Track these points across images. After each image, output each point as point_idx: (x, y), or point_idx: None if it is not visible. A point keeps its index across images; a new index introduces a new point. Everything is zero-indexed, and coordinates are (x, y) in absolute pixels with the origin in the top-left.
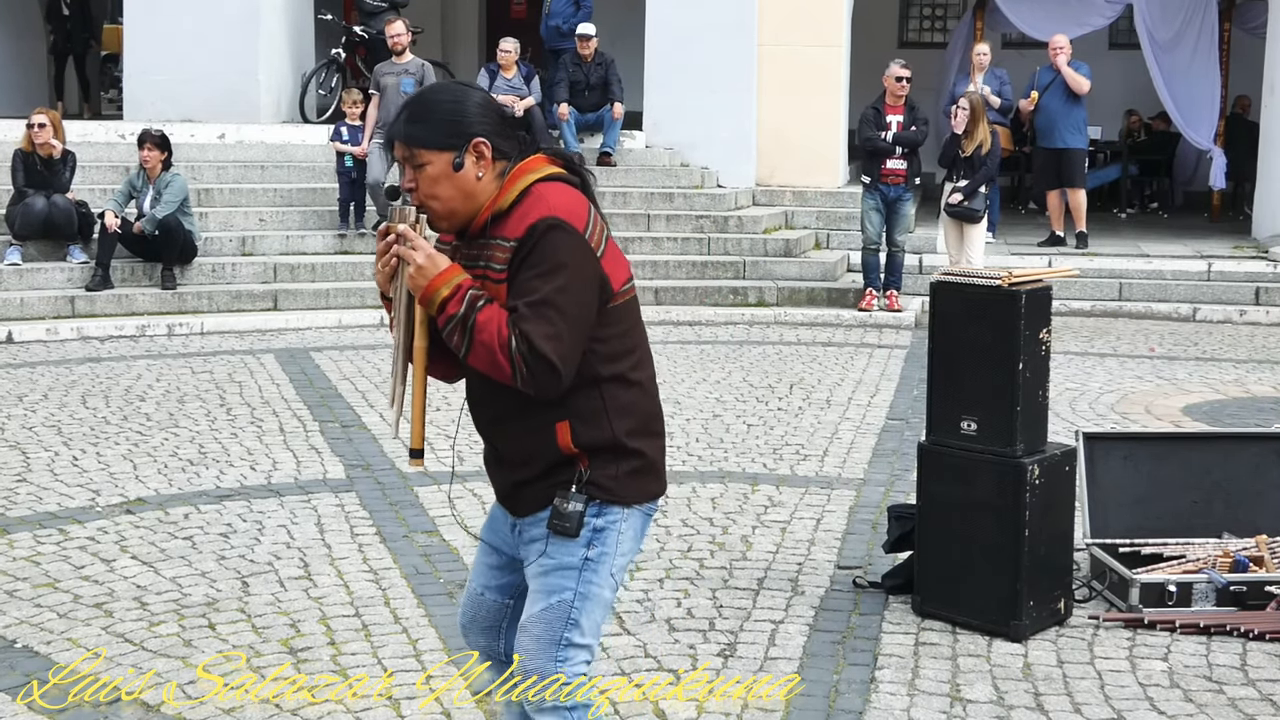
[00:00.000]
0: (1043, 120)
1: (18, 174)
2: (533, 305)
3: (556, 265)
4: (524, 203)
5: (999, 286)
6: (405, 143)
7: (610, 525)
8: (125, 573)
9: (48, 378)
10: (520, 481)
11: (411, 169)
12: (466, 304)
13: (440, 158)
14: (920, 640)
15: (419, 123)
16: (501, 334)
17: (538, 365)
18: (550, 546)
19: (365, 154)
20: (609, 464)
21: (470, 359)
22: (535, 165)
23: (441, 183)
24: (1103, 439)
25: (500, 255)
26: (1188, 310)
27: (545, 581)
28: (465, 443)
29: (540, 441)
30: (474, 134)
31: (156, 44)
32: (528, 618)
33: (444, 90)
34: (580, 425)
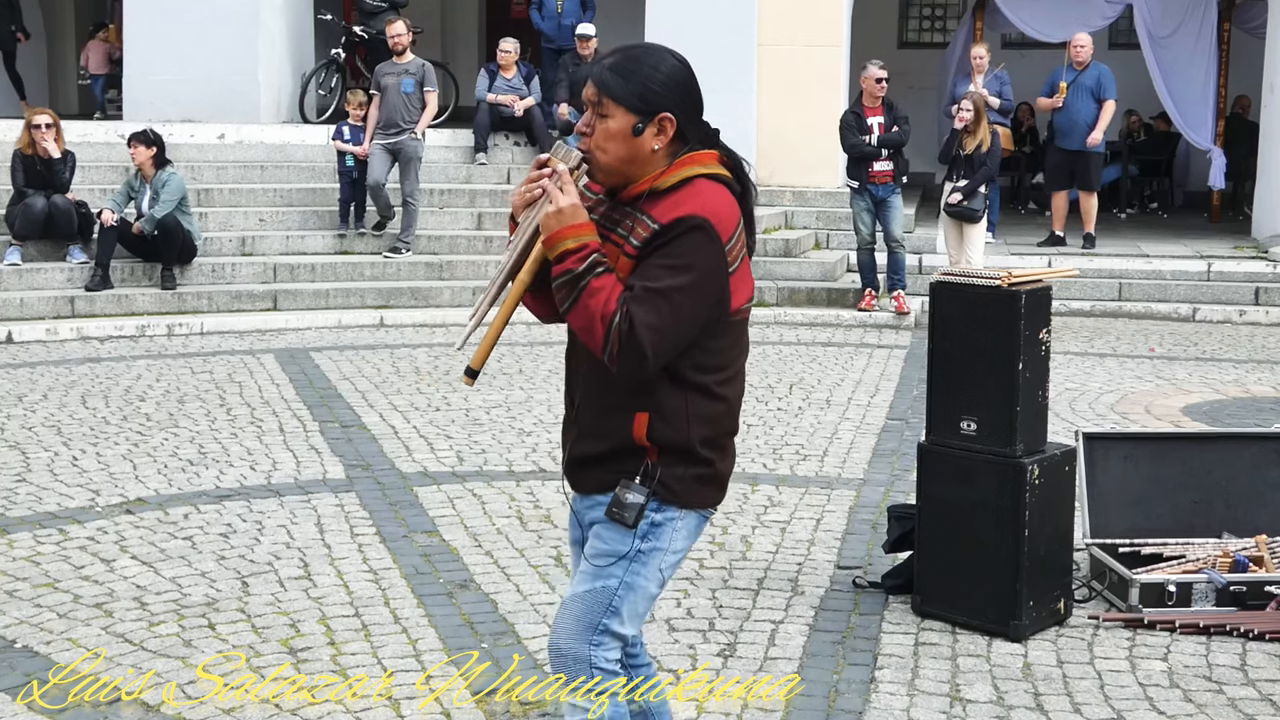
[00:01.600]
0: (1064, 120)
1: (17, 174)
2: (649, 291)
3: (687, 265)
4: (681, 190)
5: (999, 286)
6: (599, 88)
7: (667, 522)
8: (125, 573)
9: (48, 378)
10: (587, 456)
11: (595, 114)
12: (587, 264)
13: (625, 116)
14: (920, 640)
15: (620, 75)
16: (608, 305)
17: (630, 348)
18: (605, 531)
19: (366, 154)
20: (676, 465)
21: (570, 316)
22: (705, 159)
23: (616, 139)
24: (1103, 439)
25: (641, 232)
26: (1188, 310)
27: (594, 565)
28: (465, 443)
29: (615, 423)
30: (664, 108)
31: (156, 44)
32: (571, 596)
33: (656, 54)
34: (659, 421)
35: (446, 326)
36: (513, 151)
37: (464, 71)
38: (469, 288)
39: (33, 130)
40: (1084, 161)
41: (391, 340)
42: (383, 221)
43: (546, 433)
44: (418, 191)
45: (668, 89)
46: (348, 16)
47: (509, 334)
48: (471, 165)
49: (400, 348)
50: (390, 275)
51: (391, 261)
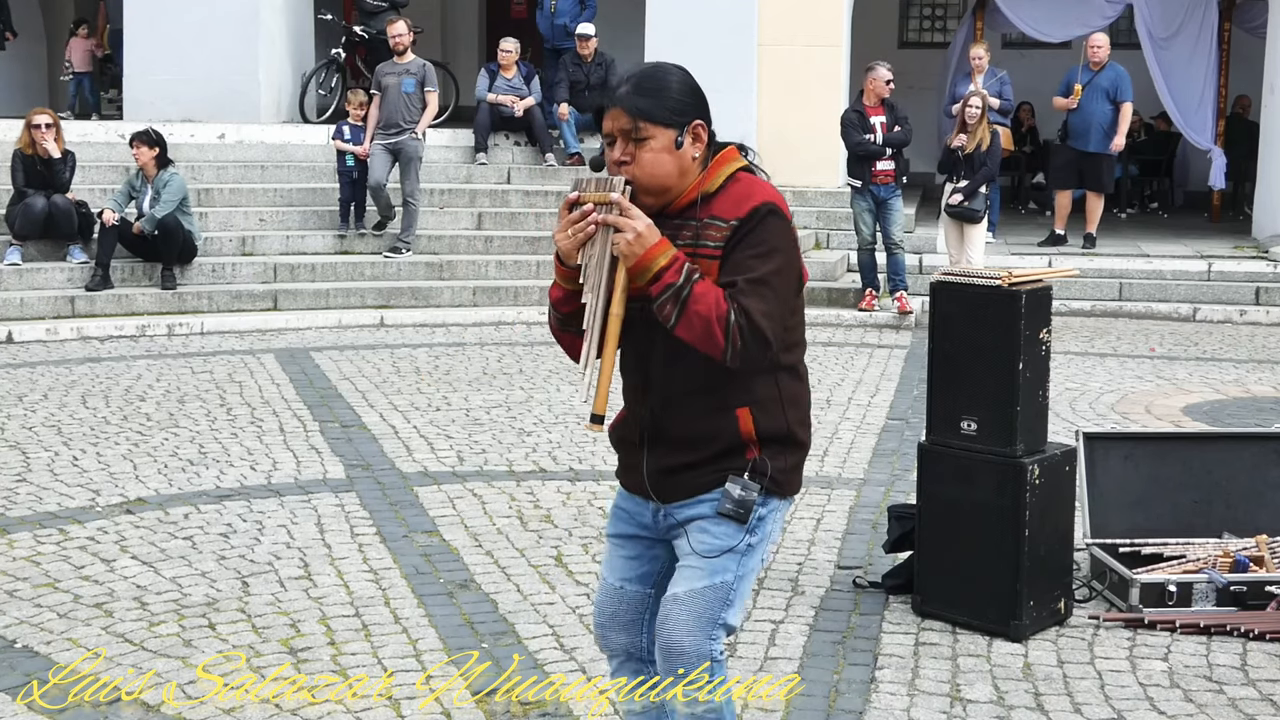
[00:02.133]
0: (1078, 120)
1: (17, 174)
2: (751, 282)
3: (773, 249)
4: (732, 187)
5: (999, 286)
6: (631, 114)
7: (770, 514)
8: (125, 573)
9: (48, 378)
10: (681, 465)
11: (629, 142)
12: (685, 275)
13: (665, 134)
14: (920, 640)
15: (649, 96)
16: (720, 306)
17: (754, 339)
18: (714, 527)
19: (367, 154)
20: (779, 455)
21: (680, 329)
22: (733, 156)
23: (663, 158)
24: (1103, 439)
25: (715, 234)
26: (1188, 310)
27: (708, 562)
28: (465, 443)
29: (718, 426)
30: (693, 116)
31: (156, 44)
32: (686, 592)
33: (669, 69)
34: (759, 413)
35: (446, 326)
36: (513, 151)
37: (464, 71)
38: (469, 288)
39: (33, 130)
40: (1095, 163)
41: (391, 340)
42: (383, 221)
43: (546, 433)
44: (418, 191)
45: (688, 97)
46: (348, 16)
47: (508, 334)
48: (472, 165)
49: (400, 348)
50: (390, 275)
51: (391, 261)
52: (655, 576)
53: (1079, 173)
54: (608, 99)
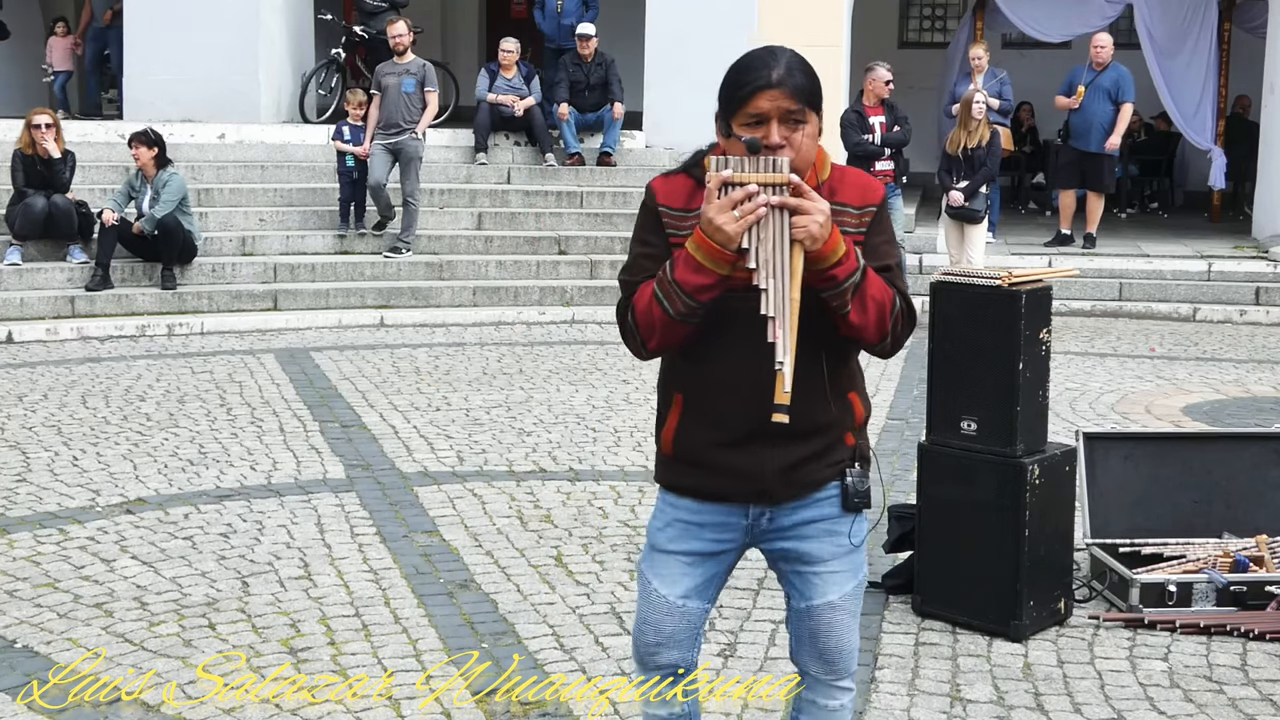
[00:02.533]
0: (1080, 120)
1: (17, 174)
2: (900, 267)
3: (893, 234)
4: (843, 175)
5: (999, 286)
6: (799, 98)
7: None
8: (125, 573)
9: (48, 378)
10: (802, 459)
11: (789, 126)
12: (860, 259)
13: (815, 119)
14: (920, 640)
15: (810, 78)
16: (886, 292)
17: (910, 321)
18: (841, 526)
19: (367, 154)
20: (864, 437)
21: (854, 314)
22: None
23: (810, 144)
24: (1103, 439)
25: (850, 220)
26: (1188, 310)
27: (849, 560)
28: (465, 443)
29: (836, 413)
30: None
31: (156, 44)
32: (842, 598)
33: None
34: (861, 397)
35: (446, 326)
36: (513, 151)
37: (464, 71)
38: (469, 288)
39: (33, 130)
40: (1096, 163)
41: (391, 340)
42: (383, 221)
43: (546, 433)
44: (418, 191)
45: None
46: (348, 16)
47: (508, 334)
48: (472, 165)
49: (400, 348)
50: (390, 275)
51: (391, 261)
52: (717, 589)
53: (1081, 173)
54: (763, 80)
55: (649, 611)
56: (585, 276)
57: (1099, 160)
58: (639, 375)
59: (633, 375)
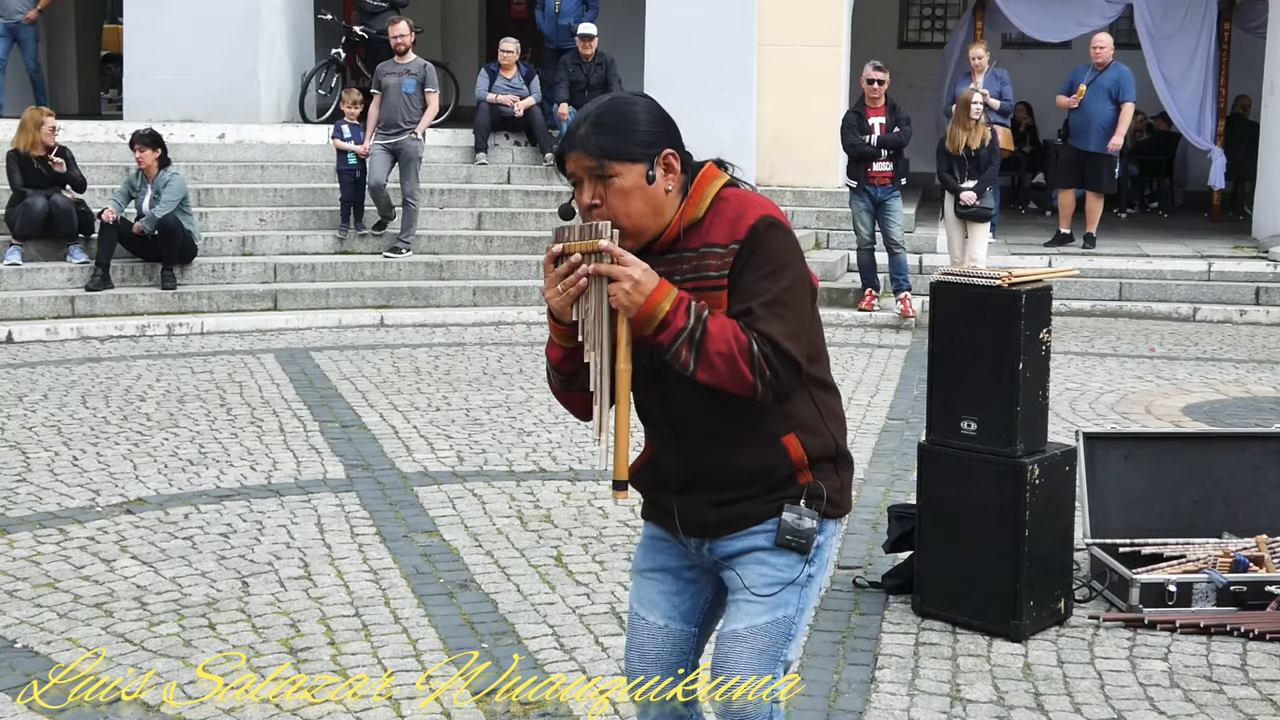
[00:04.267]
0: (1079, 119)
1: (14, 174)
2: (766, 306)
3: (782, 265)
4: (721, 208)
5: (999, 286)
6: (593, 154)
7: (827, 540)
8: (125, 573)
9: (48, 378)
10: (731, 500)
11: (596, 183)
12: (693, 316)
13: (633, 170)
14: (920, 640)
15: (608, 133)
16: (740, 339)
17: (784, 365)
18: (775, 559)
19: (367, 153)
20: (831, 475)
21: (701, 373)
22: (713, 174)
23: (634, 196)
24: (1103, 439)
25: (714, 261)
26: (1188, 310)
27: (768, 597)
28: (465, 443)
29: (766, 459)
30: (663, 146)
31: (156, 44)
32: (747, 629)
33: (624, 100)
34: (805, 436)
35: (447, 326)
36: (513, 151)
37: (464, 71)
38: (469, 288)
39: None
40: (1096, 163)
41: (391, 340)
42: (383, 221)
43: (546, 433)
44: (418, 191)
45: (654, 126)
46: (348, 16)
47: (508, 334)
48: (472, 165)
49: (400, 348)
50: (390, 275)
51: (391, 261)
52: (699, 613)
53: (1080, 172)
54: (566, 143)
55: (633, 635)
56: None
57: (1099, 160)
58: None
59: None
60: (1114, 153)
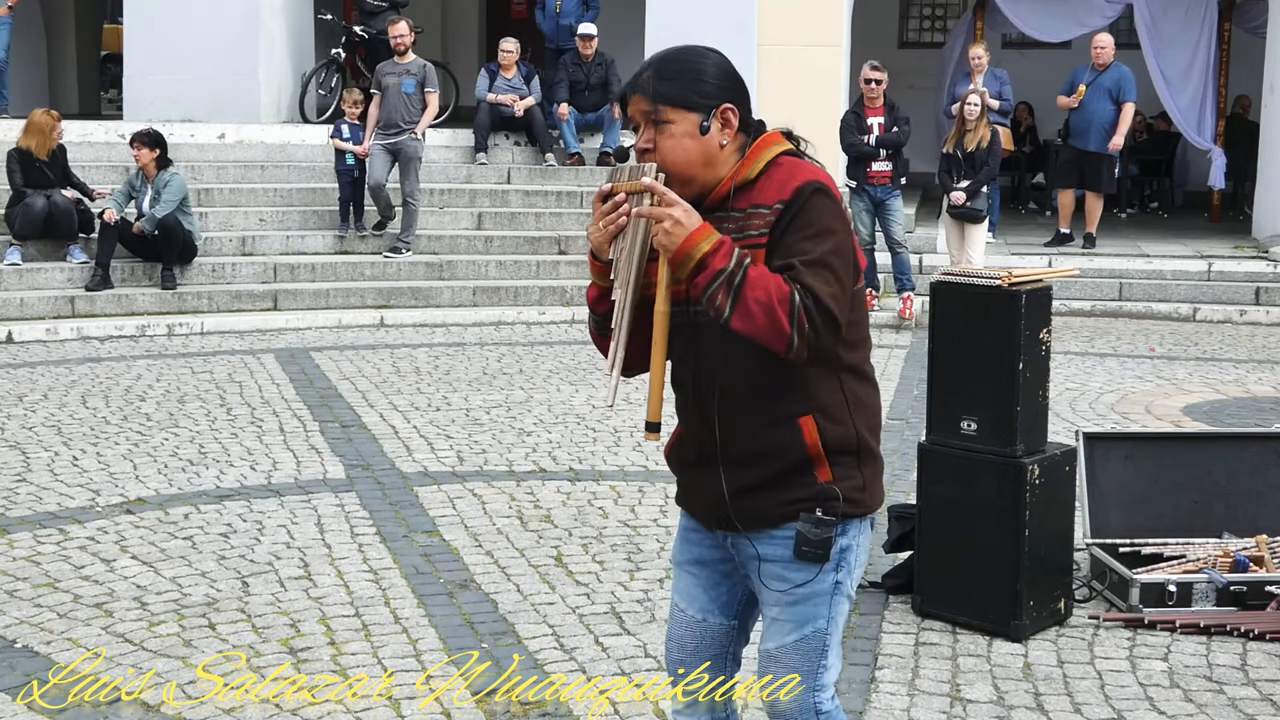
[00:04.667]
0: (1079, 119)
1: (14, 174)
2: (809, 264)
3: (826, 229)
4: (773, 172)
5: (999, 286)
6: (651, 98)
7: (853, 542)
8: (125, 573)
9: (48, 378)
10: (744, 488)
11: (651, 127)
12: (734, 258)
13: (687, 118)
14: (920, 640)
15: (669, 79)
16: (781, 288)
17: (824, 321)
18: (795, 573)
19: (367, 153)
20: (851, 470)
21: (736, 320)
22: (775, 140)
23: (686, 144)
24: (1103, 439)
25: (758, 222)
26: (1188, 310)
27: (795, 611)
28: (465, 443)
29: (779, 438)
30: (724, 99)
31: (156, 44)
32: (779, 648)
33: (695, 51)
34: (825, 421)
35: (447, 326)
36: (513, 151)
37: (464, 71)
38: (469, 288)
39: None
40: (1096, 163)
41: (391, 340)
42: (383, 221)
43: (546, 432)
44: (418, 191)
45: (719, 80)
46: (348, 16)
47: (508, 334)
48: (472, 165)
49: (400, 348)
50: (390, 275)
51: (391, 261)
52: (738, 605)
53: (1080, 172)
54: (629, 85)
55: (673, 627)
56: (585, 276)
57: (1099, 160)
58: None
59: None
60: (1114, 153)
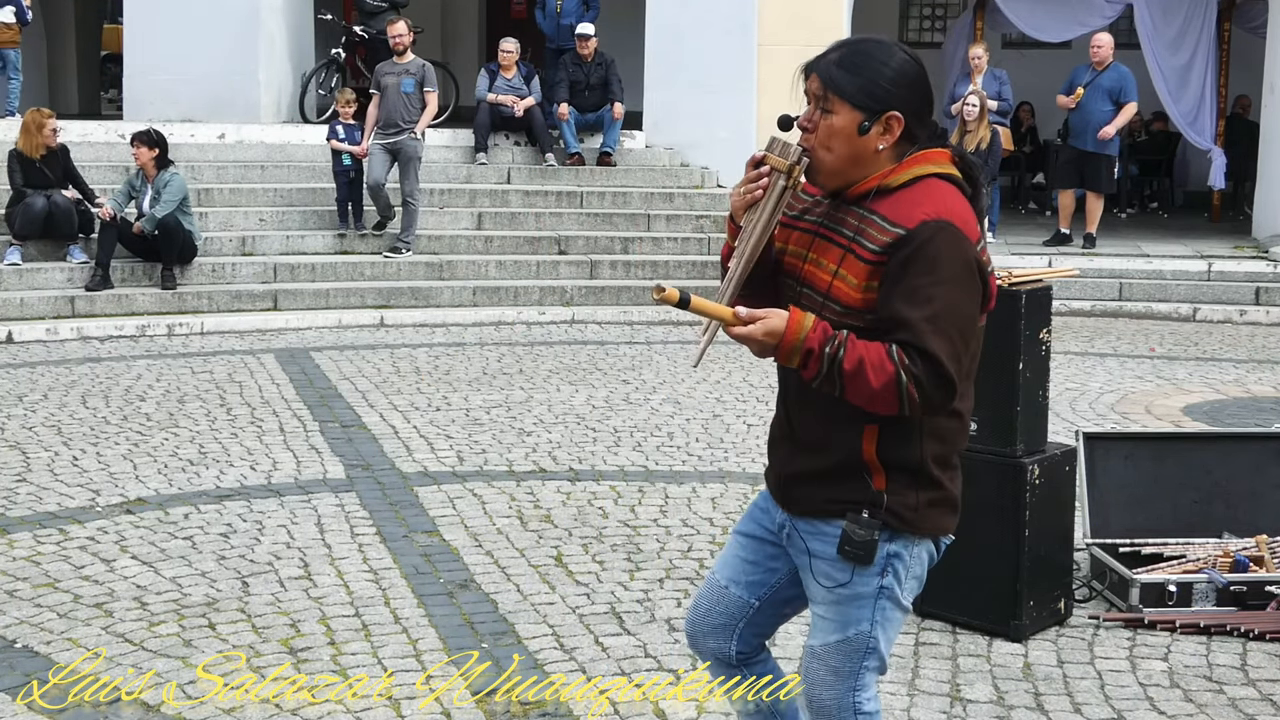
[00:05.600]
0: (1078, 119)
1: (15, 175)
2: (933, 320)
3: (952, 273)
4: (914, 189)
5: (999, 286)
6: (825, 83)
7: (904, 551)
8: (125, 573)
9: (48, 378)
10: (804, 472)
11: (819, 109)
12: (827, 355)
13: (851, 114)
14: (920, 640)
15: (848, 71)
16: (884, 368)
17: (936, 386)
18: (839, 572)
19: (364, 153)
20: (907, 490)
21: (849, 396)
22: (937, 158)
23: (840, 137)
24: (1103, 439)
25: (875, 234)
26: (1188, 310)
27: (840, 610)
28: (465, 443)
29: (841, 435)
30: (892, 106)
31: (156, 44)
32: (822, 646)
33: (885, 49)
34: (889, 437)
35: (447, 326)
36: (513, 151)
37: (464, 71)
38: (469, 288)
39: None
40: (1094, 163)
41: (391, 340)
42: (383, 221)
43: (546, 432)
44: (418, 191)
45: (896, 86)
46: (348, 16)
47: (508, 334)
48: (471, 165)
49: (400, 348)
50: (390, 275)
51: (391, 261)
52: (766, 590)
53: (1079, 172)
54: (815, 60)
55: (700, 590)
56: (585, 276)
57: (1098, 160)
58: (639, 375)
59: (632, 375)
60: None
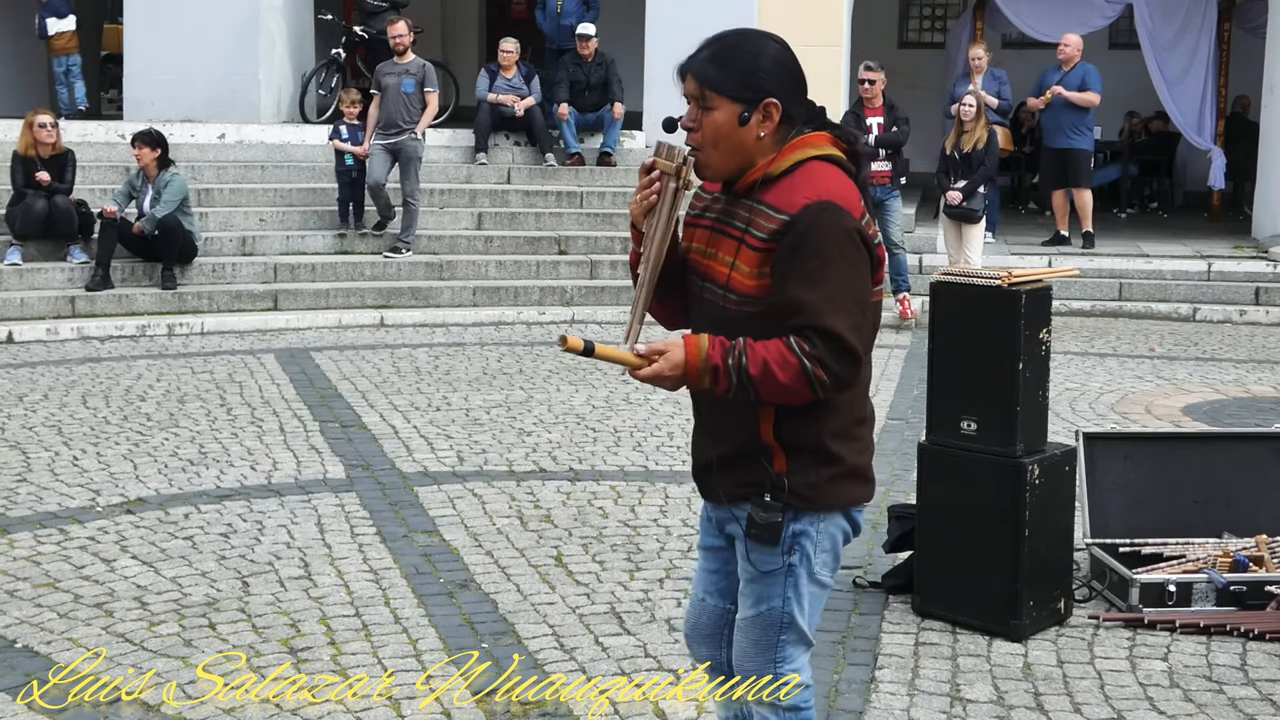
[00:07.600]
0: (1049, 120)
1: (16, 175)
2: (830, 299)
3: (840, 251)
4: (795, 175)
5: (999, 286)
6: (699, 81)
7: (810, 529)
8: (125, 573)
9: (48, 378)
10: (714, 461)
11: (698, 108)
12: (733, 371)
13: (729, 107)
14: (920, 640)
15: (719, 65)
16: (786, 362)
17: (841, 362)
18: (752, 553)
19: (366, 153)
20: (808, 469)
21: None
22: (817, 141)
23: (722, 132)
24: (1103, 439)
25: (763, 222)
26: (1188, 310)
27: (754, 588)
28: (465, 443)
29: (740, 421)
30: (768, 92)
31: (156, 44)
32: (741, 619)
33: (750, 39)
34: (785, 419)
35: (447, 326)
36: (513, 151)
37: (464, 71)
38: (469, 288)
39: (36, 130)
40: (1072, 160)
41: (391, 340)
42: (383, 221)
43: (546, 433)
44: (418, 191)
45: (769, 73)
46: (348, 16)
47: (508, 334)
48: (472, 165)
49: (400, 348)
50: (390, 275)
51: (391, 261)
52: (734, 593)
53: (1063, 171)
54: (687, 61)
55: (690, 605)
56: (585, 276)
57: (1075, 156)
58: None
59: None
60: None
